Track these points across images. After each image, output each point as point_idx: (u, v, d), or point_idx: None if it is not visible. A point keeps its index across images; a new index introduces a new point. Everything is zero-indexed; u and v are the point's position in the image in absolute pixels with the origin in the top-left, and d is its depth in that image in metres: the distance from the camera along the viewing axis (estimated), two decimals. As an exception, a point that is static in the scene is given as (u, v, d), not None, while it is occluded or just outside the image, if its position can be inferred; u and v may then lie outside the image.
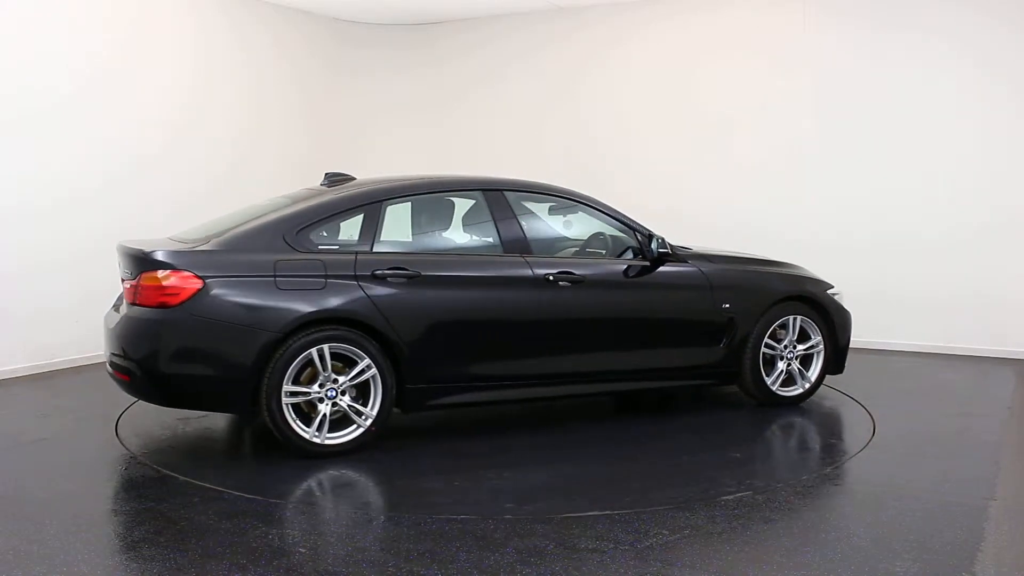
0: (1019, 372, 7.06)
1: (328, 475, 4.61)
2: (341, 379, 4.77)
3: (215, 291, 4.61)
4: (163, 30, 7.86)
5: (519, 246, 5.32)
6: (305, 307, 4.68)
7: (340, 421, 4.83)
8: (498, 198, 5.41)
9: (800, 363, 5.93)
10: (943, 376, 7.02)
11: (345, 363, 4.82)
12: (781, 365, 5.86)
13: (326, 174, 5.81)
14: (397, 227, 5.35)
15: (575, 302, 5.33)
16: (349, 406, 4.79)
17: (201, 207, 7.98)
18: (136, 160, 7.66)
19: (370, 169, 8.05)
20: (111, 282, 7.40)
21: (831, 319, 5.95)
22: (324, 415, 4.73)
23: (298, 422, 4.69)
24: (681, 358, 5.67)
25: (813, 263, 6.59)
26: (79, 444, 5.20)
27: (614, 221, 5.71)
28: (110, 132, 7.44)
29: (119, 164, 7.52)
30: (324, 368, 4.72)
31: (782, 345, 5.85)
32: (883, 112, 7.88)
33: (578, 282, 5.33)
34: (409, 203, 5.41)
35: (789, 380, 5.91)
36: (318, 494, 4.37)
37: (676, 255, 5.67)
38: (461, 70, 9.77)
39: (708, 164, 8.57)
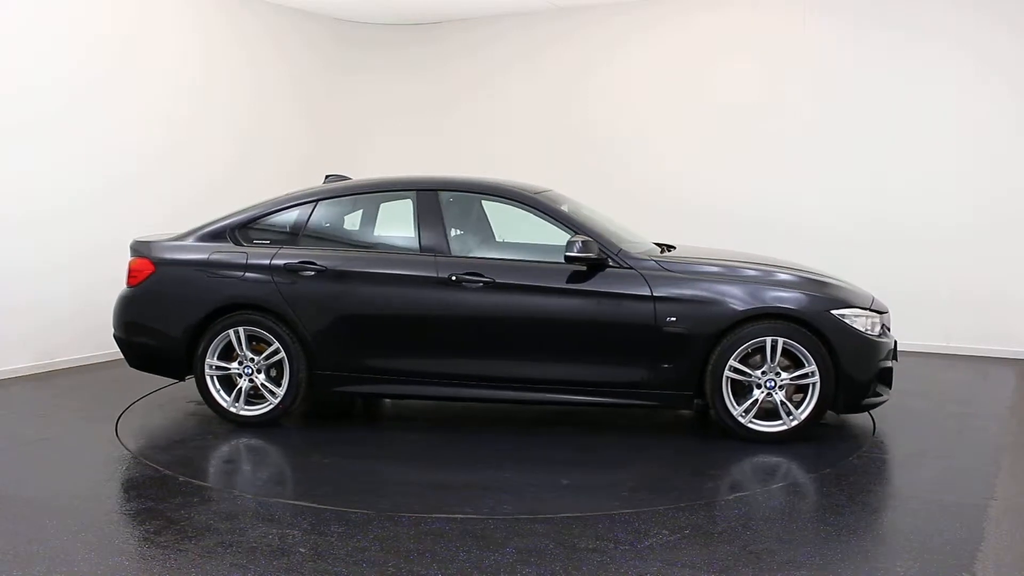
0: (1019, 372, 7.06)
1: (329, 475, 4.61)
2: (257, 359, 5.39)
3: (162, 276, 5.56)
4: (163, 31, 7.85)
5: (436, 245, 5.36)
6: (221, 294, 5.42)
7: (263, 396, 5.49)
8: (429, 198, 5.48)
9: (795, 394, 5.12)
10: (943, 376, 7.02)
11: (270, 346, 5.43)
12: (757, 394, 5.05)
13: (326, 176, 6.03)
14: (327, 224, 5.73)
15: (482, 304, 5.20)
16: (262, 384, 5.41)
17: (201, 208, 7.97)
18: (136, 162, 7.65)
19: (370, 169, 8.08)
20: (111, 283, 7.42)
21: (831, 345, 5.01)
22: (240, 388, 5.42)
23: (221, 392, 5.46)
24: (612, 374, 5.17)
25: (813, 261, 6.54)
26: (79, 444, 5.20)
27: (557, 223, 5.35)
28: (110, 134, 7.43)
29: (119, 166, 7.51)
30: (240, 348, 5.41)
31: (759, 371, 5.06)
32: (883, 110, 7.88)
33: (488, 284, 5.22)
34: (342, 203, 5.75)
35: (774, 412, 5.09)
36: (318, 494, 4.36)
37: (616, 260, 5.17)
38: (461, 70, 9.77)
39: (708, 163, 8.57)
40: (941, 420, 5.70)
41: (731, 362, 5.03)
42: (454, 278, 5.23)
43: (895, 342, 5.40)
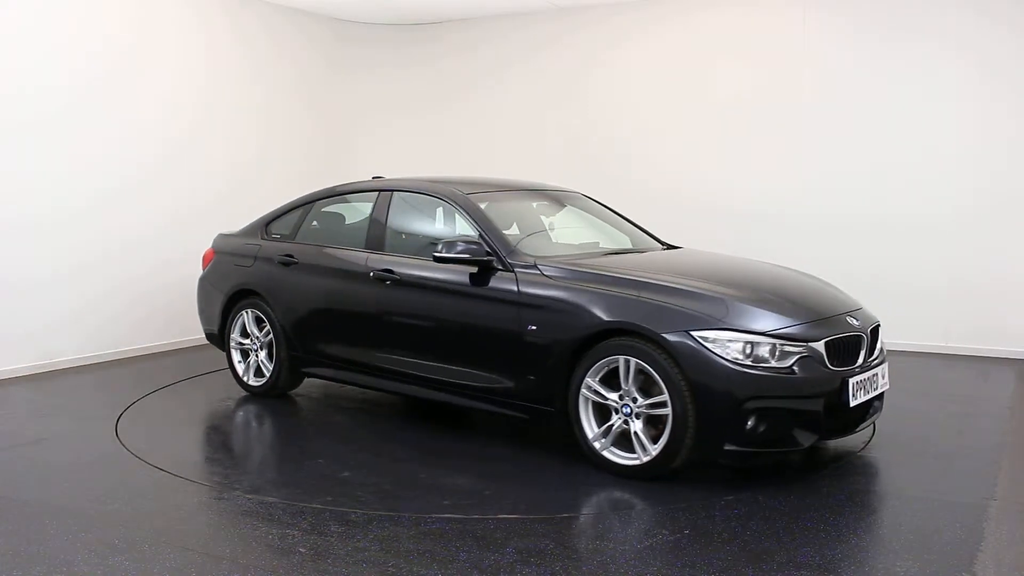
0: (1019, 372, 7.06)
1: (327, 473, 4.61)
2: (260, 337, 6.17)
3: (216, 263, 6.51)
4: (165, 32, 7.85)
5: (375, 242, 5.66)
6: (237, 280, 6.25)
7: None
8: (385, 198, 5.76)
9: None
10: (943, 376, 7.02)
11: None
12: (614, 420, 4.47)
13: (372, 177, 6.41)
14: (317, 222, 6.20)
15: (390, 300, 5.41)
16: (261, 361, 6.17)
17: (204, 210, 8.02)
18: (137, 165, 7.64)
19: (370, 169, 8.08)
20: (112, 284, 7.44)
21: (685, 373, 4.22)
22: (249, 363, 6.25)
23: (241, 362, 6.31)
24: (481, 380, 4.98)
25: (813, 259, 6.52)
26: (79, 444, 5.20)
27: (474, 223, 5.20)
28: (111, 137, 7.42)
29: (121, 169, 7.50)
30: (248, 326, 6.21)
31: (616, 394, 4.46)
32: (882, 109, 7.87)
33: (395, 281, 5.38)
34: (330, 203, 6.22)
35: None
36: (317, 494, 4.36)
37: (502, 262, 4.93)
38: (462, 70, 9.76)
39: (707, 162, 8.57)
40: (941, 420, 5.70)
41: (587, 380, 4.52)
42: (372, 275, 5.47)
43: (844, 380, 4.38)
